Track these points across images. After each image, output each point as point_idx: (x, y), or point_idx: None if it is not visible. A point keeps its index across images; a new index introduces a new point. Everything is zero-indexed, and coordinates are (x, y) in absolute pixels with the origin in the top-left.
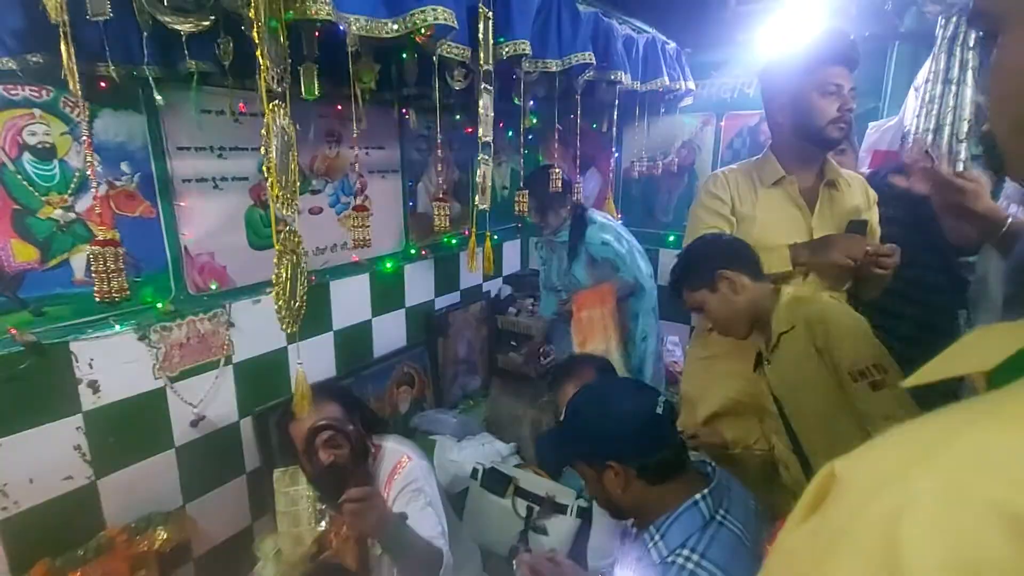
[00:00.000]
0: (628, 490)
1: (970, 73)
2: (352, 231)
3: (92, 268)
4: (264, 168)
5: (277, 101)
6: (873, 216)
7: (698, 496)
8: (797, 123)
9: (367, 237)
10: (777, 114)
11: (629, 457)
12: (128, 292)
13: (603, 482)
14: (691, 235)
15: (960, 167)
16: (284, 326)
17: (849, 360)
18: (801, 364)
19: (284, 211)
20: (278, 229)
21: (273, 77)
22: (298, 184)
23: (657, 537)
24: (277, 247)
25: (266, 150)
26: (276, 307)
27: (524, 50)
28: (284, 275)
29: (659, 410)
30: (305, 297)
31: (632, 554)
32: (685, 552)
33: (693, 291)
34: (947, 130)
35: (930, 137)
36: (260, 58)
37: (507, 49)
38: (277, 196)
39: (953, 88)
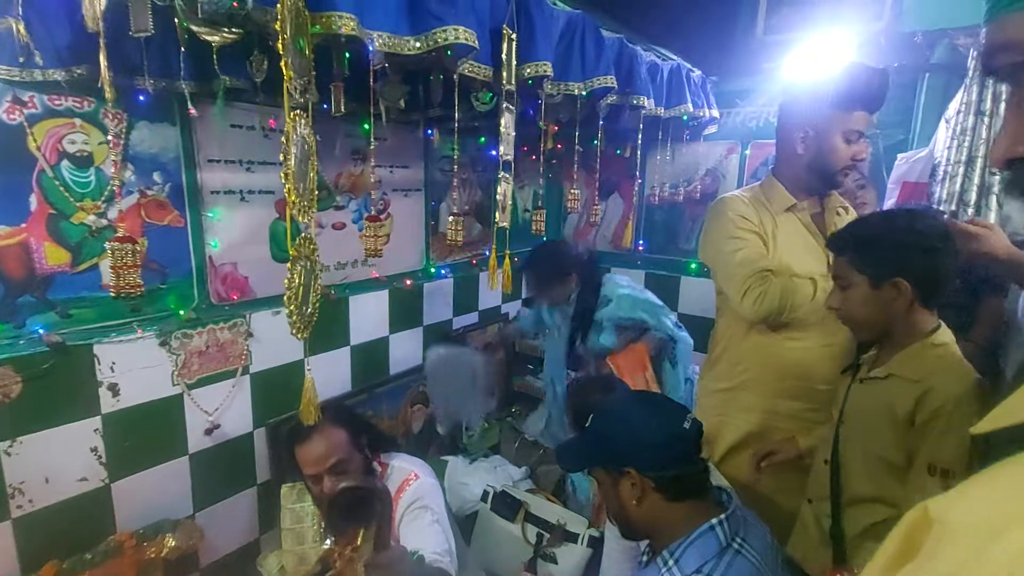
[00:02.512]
0: (643, 502)
1: (1003, 105)
2: (364, 240)
3: (111, 264)
4: (282, 175)
5: (299, 111)
6: None
7: (714, 521)
8: (816, 160)
9: (379, 247)
10: (798, 145)
11: (648, 466)
12: (142, 288)
13: (619, 490)
14: (725, 263)
15: (993, 200)
16: (294, 330)
17: (933, 458)
18: (885, 413)
19: (300, 218)
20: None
21: (296, 87)
22: (316, 193)
23: (671, 562)
24: (292, 252)
25: (285, 157)
26: (287, 311)
27: (546, 71)
28: (297, 280)
29: (686, 425)
30: (319, 304)
31: None
32: None
33: (853, 267)
34: (979, 162)
35: (962, 169)
36: (284, 68)
37: (529, 70)
38: (294, 202)
39: (986, 120)
